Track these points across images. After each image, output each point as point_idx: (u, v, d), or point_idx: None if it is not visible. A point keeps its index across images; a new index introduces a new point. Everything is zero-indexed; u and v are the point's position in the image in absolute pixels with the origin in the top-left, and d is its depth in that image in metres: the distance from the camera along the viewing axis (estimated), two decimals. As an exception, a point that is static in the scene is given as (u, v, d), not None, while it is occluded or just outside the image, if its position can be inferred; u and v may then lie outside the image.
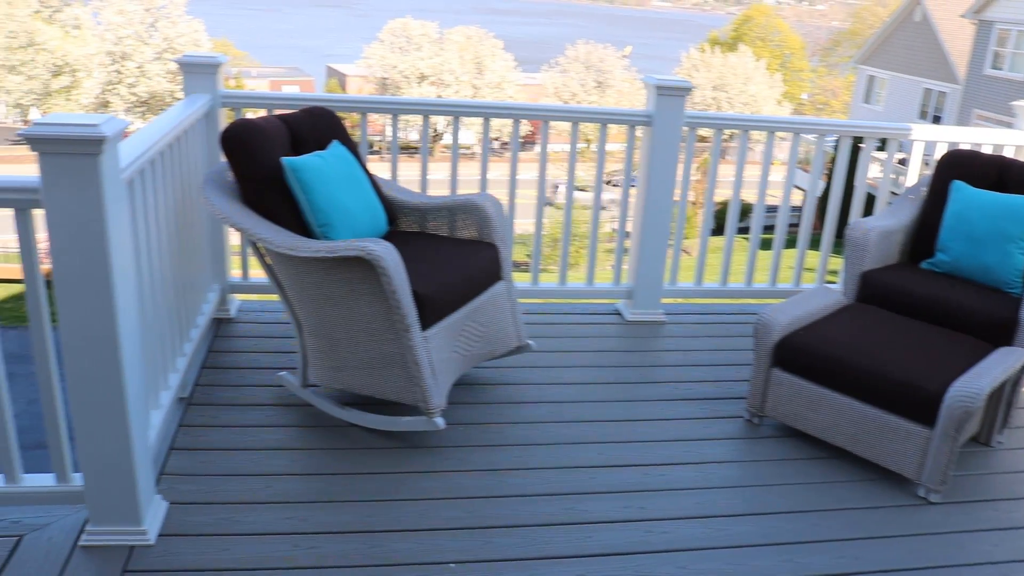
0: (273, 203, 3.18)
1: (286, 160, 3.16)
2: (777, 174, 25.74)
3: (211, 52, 3.86)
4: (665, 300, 4.69)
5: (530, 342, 3.72)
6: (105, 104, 40.81)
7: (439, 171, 4.37)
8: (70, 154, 2.15)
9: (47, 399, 2.53)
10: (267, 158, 3.19)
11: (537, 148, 4.46)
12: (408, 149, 36.99)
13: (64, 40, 41.50)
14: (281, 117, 3.45)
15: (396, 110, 4.21)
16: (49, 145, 2.14)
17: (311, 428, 3.32)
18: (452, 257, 3.39)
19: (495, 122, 25.52)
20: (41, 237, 2.37)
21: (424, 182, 4.26)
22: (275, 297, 4.29)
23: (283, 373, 3.57)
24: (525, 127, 28.34)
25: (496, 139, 43.25)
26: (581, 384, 3.85)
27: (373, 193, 3.49)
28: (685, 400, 3.76)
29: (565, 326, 4.48)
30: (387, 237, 3.54)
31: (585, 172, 29.37)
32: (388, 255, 2.86)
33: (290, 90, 49.05)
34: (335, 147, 3.42)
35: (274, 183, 3.18)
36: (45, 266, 2.36)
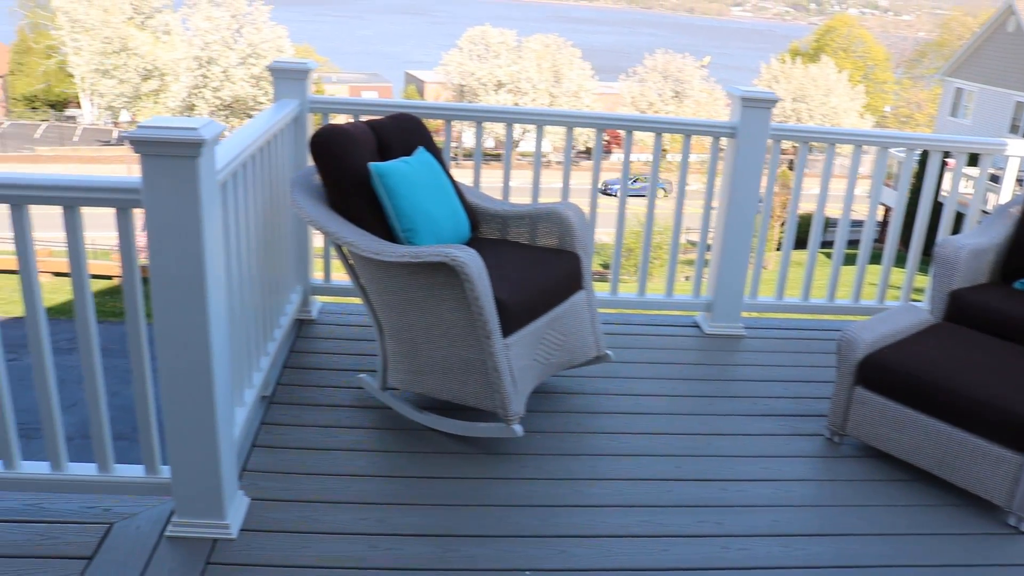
0: (359, 207, 3.23)
1: (373, 165, 3.21)
2: (856, 188, 25.18)
3: (301, 59, 3.93)
4: (745, 314, 4.64)
5: (608, 352, 3.71)
6: (191, 107, 41.91)
7: (513, 178, 4.38)
8: (170, 156, 2.22)
9: (140, 394, 2.60)
10: (355, 163, 3.24)
11: (612, 158, 4.45)
12: (484, 156, 37.23)
13: (154, 45, 42.80)
14: (369, 123, 3.51)
15: (480, 117, 4.23)
16: (151, 147, 2.21)
17: (389, 430, 3.36)
18: (534, 265, 3.40)
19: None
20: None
21: (506, 189, 4.28)
22: (356, 300, 4.36)
23: (363, 375, 3.62)
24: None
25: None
26: (658, 396, 3.82)
27: (457, 200, 3.52)
28: (764, 416, 3.71)
29: (643, 337, 4.46)
30: (469, 244, 3.57)
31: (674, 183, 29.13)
32: (472, 262, 2.88)
33: (369, 95, 49.76)
34: (421, 153, 3.46)
35: (361, 188, 3.23)
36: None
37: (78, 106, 52.26)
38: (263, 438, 3.24)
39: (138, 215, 2.43)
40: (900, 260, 13.15)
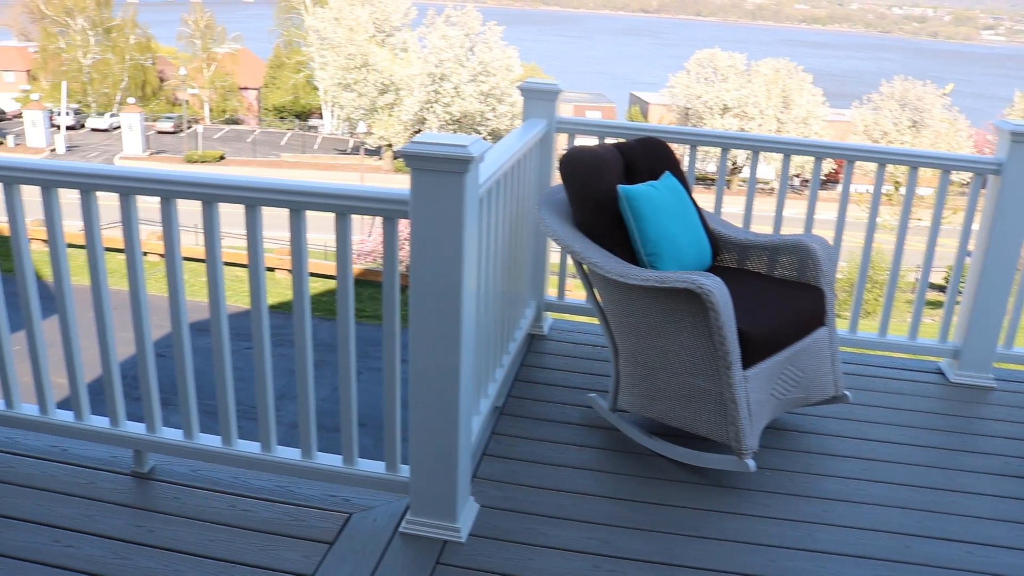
0: (604, 228, 3.26)
1: (622, 188, 3.23)
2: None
3: (550, 81, 4.02)
4: (997, 364, 4.30)
5: (847, 393, 3.55)
6: (422, 121, 43.87)
7: (730, 205, 4.27)
8: (440, 171, 2.32)
9: (389, 395, 2.73)
10: (603, 185, 3.28)
11: (839, 188, 4.26)
12: (703, 180, 36.67)
13: (392, 62, 45.14)
14: (617, 146, 3.54)
15: (727, 144, 4.17)
16: (422, 162, 2.32)
17: (617, 452, 3.36)
18: (777, 298, 3.31)
19: (796, 159, 24.70)
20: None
21: (748, 217, 4.19)
22: (587, 319, 4.40)
23: (593, 395, 3.64)
24: (829, 164, 27.23)
25: (797, 175, 41.82)
26: (897, 444, 3.61)
27: (701, 226, 3.49)
28: (1016, 477, 3.42)
29: (882, 380, 4.23)
30: (709, 271, 3.52)
31: (891, 216, 27.70)
32: (718, 291, 2.84)
33: (592, 116, 50.27)
34: (667, 178, 3.45)
35: (607, 209, 3.27)
36: (357, 267, 2.56)
37: (320, 117, 56.00)
38: (493, 447, 3.32)
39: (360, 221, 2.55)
40: None
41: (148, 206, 2.82)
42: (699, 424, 3.11)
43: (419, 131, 44.32)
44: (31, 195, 2.86)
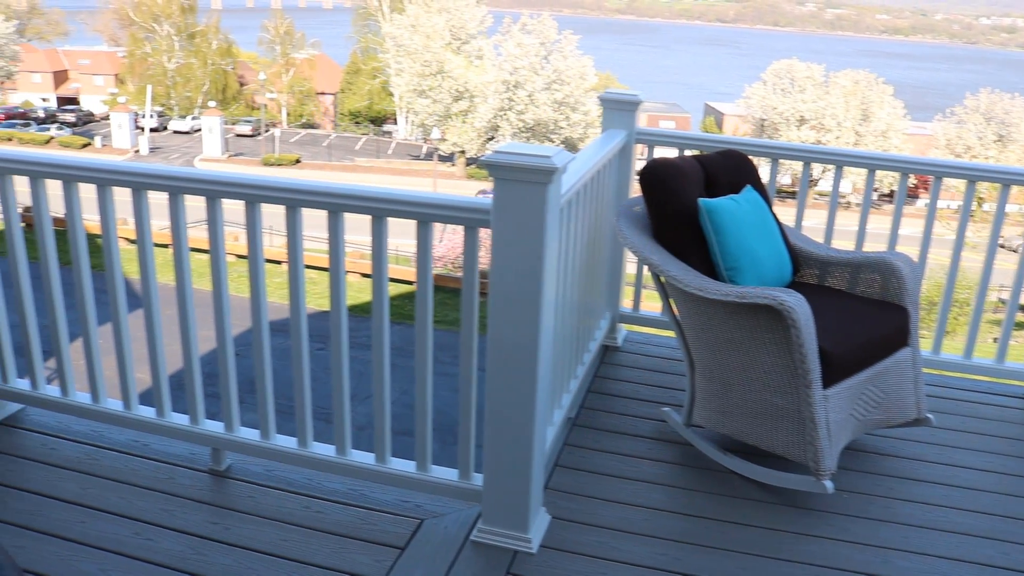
0: (683, 241, 3.23)
1: (703, 201, 3.19)
2: None
3: (631, 91, 3.99)
4: (1090, 392, 4.14)
5: (929, 416, 3.45)
6: (495, 128, 44.09)
7: (808, 218, 4.16)
8: (523, 182, 2.32)
9: (464, 403, 2.74)
10: (683, 197, 3.24)
11: (919, 203, 4.13)
12: (779, 193, 36.13)
13: (467, 69, 45.49)
14: (697, 158, 3.50)
15: (810, 158, 4.09)
16: (506, 172, 2.32)
17: (690, 467, 3.32)
18: (859, 316, 3.23)
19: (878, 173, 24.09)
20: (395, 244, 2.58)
21: (829, 232, 4.10)
22: (661, 332, 4.36)
23: (666, 409, 3.60)
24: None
25: (875, 189, 40.90)
26: (983, 471, 3.49)
27: (781, 241, 3.43)
28: (1112, 511, 3.28)
29: (967, 404, 4.09)
30: (789, 287, 3.46)
31: (974, 234, 26.96)
32: (800, 308, 2.79)
33: (666, 125, 49.99)
34: (748, 192, 3.40)
35: (686, 222, 3.23)
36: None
37: (394, 123, 56.67)
38: (565, 459, 3.31)
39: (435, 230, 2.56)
40: None
41: (232, 208, 2.87)
42: (776, 443, 3.05)
43: (492, 138, 44.57)
44: (121, 196, 2.95)
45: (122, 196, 2.93)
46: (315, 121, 58.91)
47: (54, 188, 3.05)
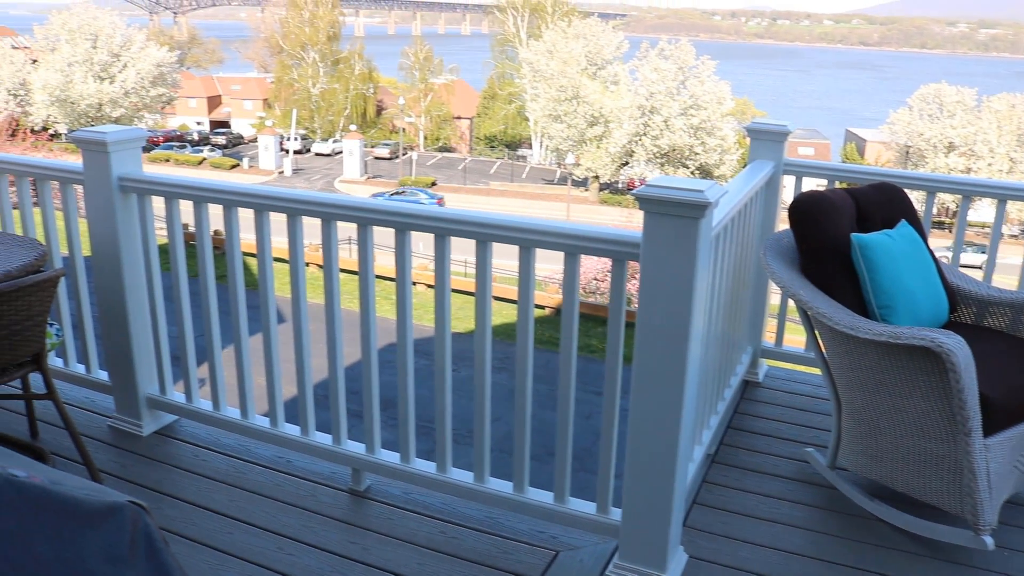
0: (832, 277, 3.12)
1: (856, 236, 3.09)
2: None
3: (779, 122, 3.91)
4: None
5: (1101, 470, 3.22)
6: (630, 153, 43.95)
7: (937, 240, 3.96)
8: (675, 216, 2.29)
9: (606, 437, 2.72)
10: (834, 232, 3.14)
11: None
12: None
13: (602, 94, 45.59)
14: (848, 191, 3.39)
15: (971, 191, 3.86)
16: (657, 205, 2.30)
17: (833, 512, 3.19)
18: (1022, 359, 3.05)
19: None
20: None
21: (990, 269, 3.90)
22: (804, 368, 4.23)
23: (810, 449, 3.48)
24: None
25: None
26: None
27: (938, 278, 3.28)
28: None
29: None
30: (945, 327, 3.30)
31: None
32: (960, 350, 2.65)
33: (805, 151, 48.80)
34: (903, 227, 3.27)
35: (837, 257, 3.13)
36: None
37: (529, 147, 57.24)
38: (704, 496, 3.24)
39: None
40: None
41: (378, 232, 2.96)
42: (929, 492, 2.90)
43: (626, 164, 44.45)
44: (278, 221, 3.08)
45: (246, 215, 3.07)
46: (451, 145, 60.11)
47: (214, 210, 3.23)
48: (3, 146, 28.15)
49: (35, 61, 50.49)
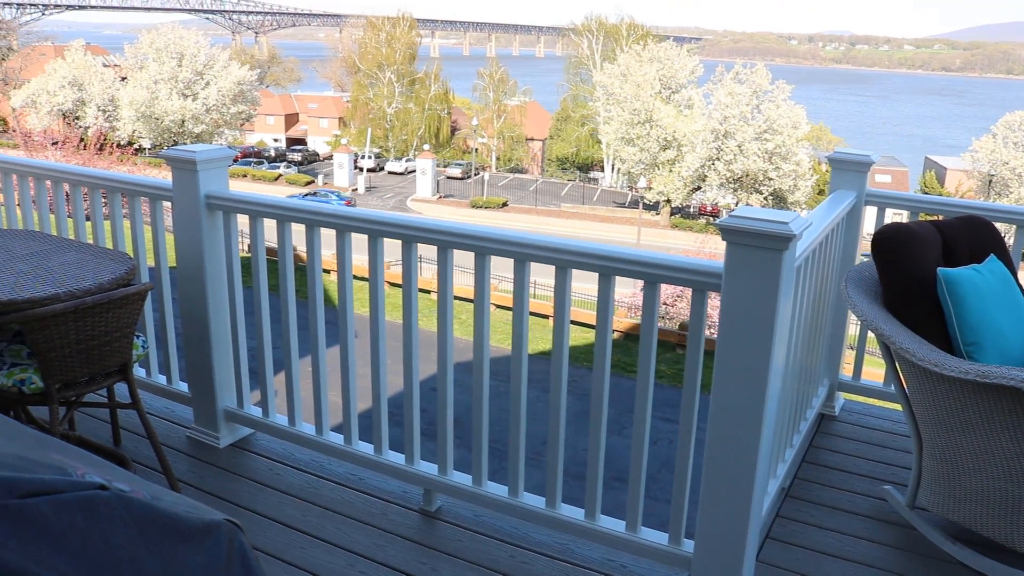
0: (916, 312, 3.06)
1: (943, 271, 3.02)
2: None
3: (863, 151, 3.85)
4: None
5: None
6: (702, 178, 43.58)
7: None
8: (758, 247, 2.27)
9: (681, 468, 2.70)
10: (919, 265, 3.08)
11: None
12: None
13: (676, 118, 45.36)
14: (934, 223, 3.32)
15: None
16: (740, 236, 2.29)
17: (912, 553, 3.11)
18: (1119, 403, 2.94)
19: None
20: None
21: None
22: (882, 403, 4.14)
23: (888, 487, 3.39)
24: None
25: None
26: None
27: (1028, 316, 3.18)
28: None
29: None
30: (1034, 366, 3.20)
31: None
32: (1052, 392, 2.57)
33: (882, 179, 47.84)
34: (992, 261, 3.19)
35: (922, 291, 3.06)
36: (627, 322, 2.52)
37: (601, 170, 57.25)
38: (777, 531, 3.18)
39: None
40: None
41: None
42: (1017, 538, 2.81)
43: (698, 188, 44.11)
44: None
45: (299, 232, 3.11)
46: (523, 166, 60.39)
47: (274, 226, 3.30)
48: (91, 160, 29.13)
49: (124, 78, 52.43)
